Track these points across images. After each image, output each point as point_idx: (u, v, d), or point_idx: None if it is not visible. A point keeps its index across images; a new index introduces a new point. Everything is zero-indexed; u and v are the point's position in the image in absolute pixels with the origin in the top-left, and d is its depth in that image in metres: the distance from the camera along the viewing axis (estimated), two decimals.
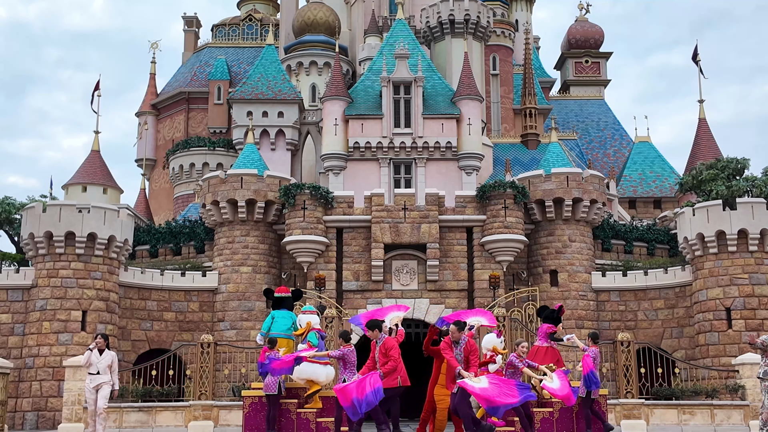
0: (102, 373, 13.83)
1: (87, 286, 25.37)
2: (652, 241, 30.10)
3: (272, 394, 13.47)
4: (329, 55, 37.90)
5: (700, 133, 39.23)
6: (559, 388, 13.07)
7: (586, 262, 27.99)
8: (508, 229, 27.38)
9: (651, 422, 19.71)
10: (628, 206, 37.93)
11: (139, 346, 26.98)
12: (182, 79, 43.15)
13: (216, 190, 28.35)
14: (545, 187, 28.15)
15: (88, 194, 33.80)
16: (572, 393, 13.23)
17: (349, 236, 27.99)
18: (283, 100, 35.59)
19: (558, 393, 13.10)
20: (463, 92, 31.75)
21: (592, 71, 48.61)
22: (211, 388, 19.48)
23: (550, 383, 13.13)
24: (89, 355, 13.93)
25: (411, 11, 38.69)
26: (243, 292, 27.59)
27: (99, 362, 13.81)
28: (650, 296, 27.56)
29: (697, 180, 30.05)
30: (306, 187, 27.90)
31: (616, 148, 42.85)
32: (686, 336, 26.74)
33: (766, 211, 25.70)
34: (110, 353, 14.00)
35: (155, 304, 27.42)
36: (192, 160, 39.55)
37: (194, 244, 29.81)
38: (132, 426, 19.72)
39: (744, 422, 19.86)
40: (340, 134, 31.29)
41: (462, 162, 31.20)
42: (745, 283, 25.43)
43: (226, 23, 45.26)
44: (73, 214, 25.51)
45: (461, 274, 27.68)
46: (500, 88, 38.88)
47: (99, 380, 13.79)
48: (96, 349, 13.88)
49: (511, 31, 40.18)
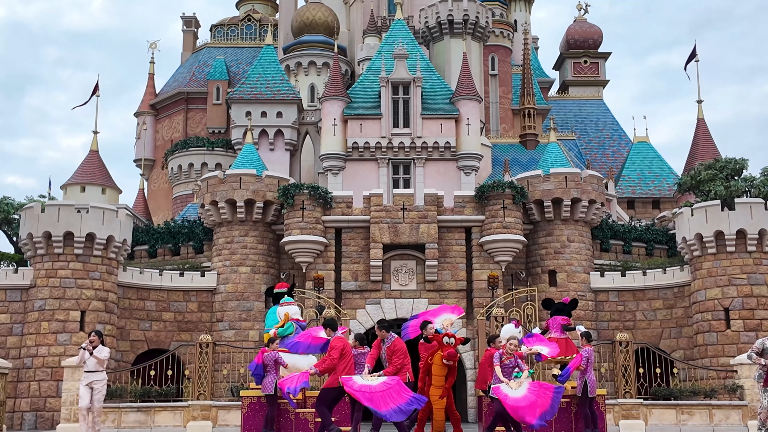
0: (95, 371, 13.70)
1: (85, 287, 25.35)
2: (650, 241, 30.12)
3: (269, 394, 13.47)
4: (328, 56, 37.90)
5: (698, 134, 39.29)
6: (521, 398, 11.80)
7: (584, 262, 28.01)
8: (507, 230, 27.39)
9: (649, 422, 19.71)
10: (627, 206, 37.96)
11: (137, 347, 26.97)
12: (181, 79, 43.15)
13: (215, 190, 28.35)
14: (544, 188, 28.16)
15: (86, 194, 33.81)
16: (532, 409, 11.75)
17: (348, 236, 27.99)
18: (281, 100, 35.58)
19: (511, 403, 11.75)
20: (462, 92, 31.76)
21: (591, 71, 48.64)
22: (209, 389, 19.48)
23: (512, 392, 11.91)
24: (83, 354, 13.81)
25: (410, 11, 38.70)
26: (242, 292, 27.58)
27: (89, 359, 13.68)
28: (649, 296, 27.58)
29: (696, 180, 30.08)
30: (305, 188, 27.90)
31: (615, 148, 42.87)
32: (685, 336, 26.76)
33: (764, 212, 25.72)
34: (103, 349, 13.82)
35: (154, 304, 27.40)
36: (191, 160, 39.55)
37: (193, 244, 29.80)
38: (131, 426, 19.72)
39: (742, 422, 19.87)
40: (338, 134, 31.29)
41: (461, 162, 31.21)
42: (744, 283, 25.45)
43: (225, 23, 45.26)
44: (72, 214, 25.49)
45: (460, 274, 27.68)
46: (499, 88, 38.89)
47: (92, 378, 13.68)
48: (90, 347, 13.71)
49: (509, 31, 40.20)
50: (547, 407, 11.68)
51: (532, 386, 11.97)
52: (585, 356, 13.96)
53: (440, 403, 12.40)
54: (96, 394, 13.60)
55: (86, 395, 13.64)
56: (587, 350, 14.13)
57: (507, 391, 11.65)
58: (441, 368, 12.41)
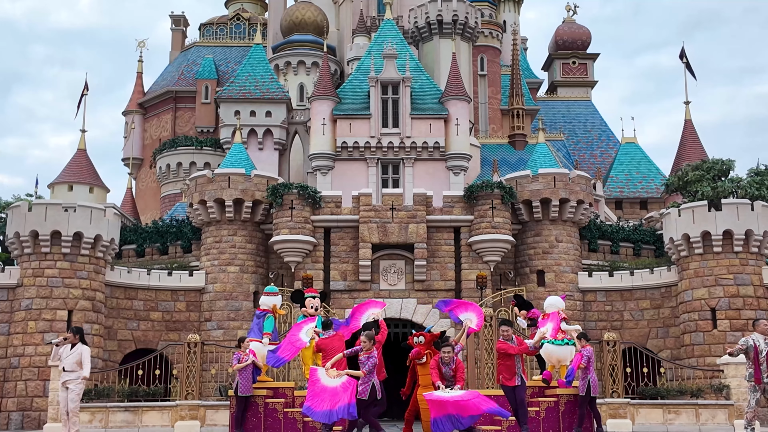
0: (69, 370, 12.89)
1: (73, 286, 25.23)
2: (638, 241, 30.27)
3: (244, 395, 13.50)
4: (317, 55, 37.86)
5: (686, 135, 39.49)
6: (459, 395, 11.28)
7: (572, 262, 28.12)
8: (496, 230, 27.47)
9: (636, 421, 19.81)
10: (615, 207, 38.14)
11: (125, 346, 26.87)
12: (169, 78, 42.99)
13: (203, 189, 28.27)
14: (532, 188, 28.24)
15: (74, 193, 33.60)
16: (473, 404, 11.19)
17: (337, 236, 27.99)
18: (270, 99, 35.52)
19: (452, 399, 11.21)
20: (451, 92, 31.80)
21: (580, 72, 48.83)
22: (197, 388, 19.44)
23: (448, 393, 11.38)
24: (55, 351, 13.16)
25: (399, 11, 38.73)
26: (230, 292, 27.52)
27: (67, 358, 12.92)
28: (636, 296, 27.72)
29: (683, 181, 30.24)
30: (294, 187, 27.86)
31: (603, 149, 43.06)
32: (672, 336, 26.90)
33: (750, 212, 25.90)
34: (80, 348, 13.00)
35: (142, 303, 27.31)
36: (179, 160, 39.40)
37: (181, 243, 29.71)
38: (118, 426, 19.64)
39: (729, 422, 19.99)
40: (328, 134, 31.27)
41: (450, 162, 31.25)
42: (730, 283, 25.62)
43: (214, 22, 45.11)
44: (59, 213, 25.36)
45: (449, 274, 27.73)
46: (488, 88, 38.98)
47: (65, 377, 12.92)
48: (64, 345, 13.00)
49: (498, 31, 40.30)
50: (481, 411, 11.30)
51: (468, 392, 11.68)
52: (586, 356, 14.09)
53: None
54: (70, 394, 12.89)
55: (63, 396, 13.02)
56: (587, 350, 14.25)
57: (442, 394, 11.41)
58: (424, 368, 12.43)
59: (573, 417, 14.37)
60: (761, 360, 12.05)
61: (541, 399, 14.50)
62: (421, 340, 12.51)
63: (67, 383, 12.92)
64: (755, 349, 12.12)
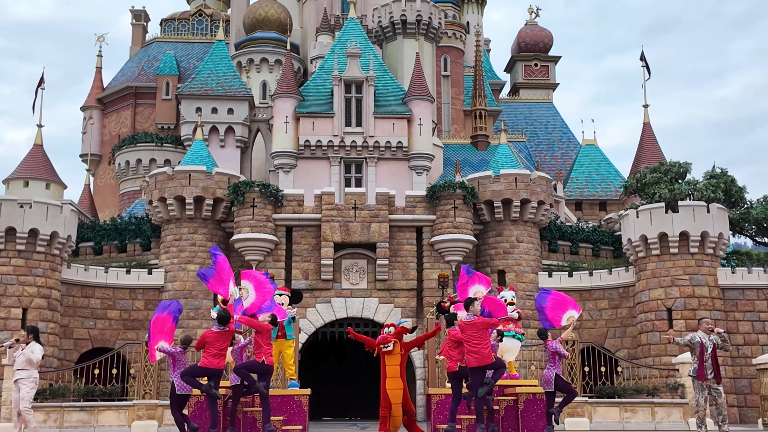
0: (22, 369, 12.79)
1: (28, 283, 24.75)
2: (597, 242, 30.67)
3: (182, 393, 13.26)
4: (280, 53, 37.67)
5: (644, 138, 40.15)
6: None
7: (533, 262, 28.39)
8: (458, 229, 27.61)
9: (594, 420, 20.07)
10: (575, 208, 38.59)
11: (81, 345, 26.45)
12: (129, 73, 42.40)
13: (163, 186, 27.93)
14: (494, 188, 28.45)
15: (30, 189, 32.99)
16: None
17: (299, 235, 27.88)
18: (233, 96, 35.24)
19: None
20: (415, 92, 31.88)
21: (542, 74, 49.32)
22: (155, 387, 19.22)
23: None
24: (9, 352, 13.12)
25: (363, 10, 38.72)
26: (190, 291, 27.23)
27: (18, 357, 12.84)
28: (595, 296, 28.08)
29: (641, 183, 30.74)
30: (255, 185, 27.68)
31: (564, 150, 43.55)
32: (629, 336, 27.31)
33: (706, 214, 26.41)
34: (32, 346, 12.86)
35: (99, 302, 26.91)
36: (138, 156, 38.86)
37: (140, 241, 29.34)
38: (74, 426, 19.30)
39: (683, 420, 20.36)
40: (290, 132, 31.12)
41: (412, 162, 31.33)
42: (686, 284, 26.09)
43: (176, 18, 44.61)
44: (15, 209, 24.86)
45: (410, 273, 27.81)
46: (451, 89, 39.17)
47: (17, 376, 12.88)
48: (17, 344, 12.88)
49: (462, 33, 40.51)
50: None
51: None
52: (551, 350, 13.71)
53: (397, 397, 12.26)
54: (21, 392, 12.76)
55: (15, 396, 12.94)
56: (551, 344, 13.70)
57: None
58: (391, 357, 12.32)
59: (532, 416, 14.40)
60: (706, 357, 12.40)
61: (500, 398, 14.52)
62: (391, 330, 12.46)
63: (19, 382, 12.81)
64: (701, 346, 12.49)
